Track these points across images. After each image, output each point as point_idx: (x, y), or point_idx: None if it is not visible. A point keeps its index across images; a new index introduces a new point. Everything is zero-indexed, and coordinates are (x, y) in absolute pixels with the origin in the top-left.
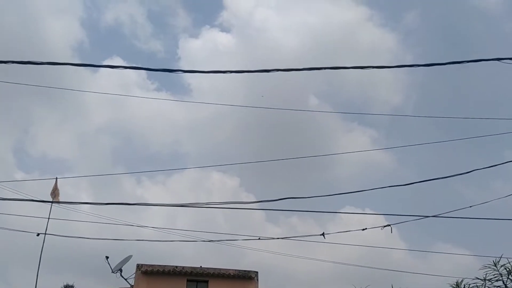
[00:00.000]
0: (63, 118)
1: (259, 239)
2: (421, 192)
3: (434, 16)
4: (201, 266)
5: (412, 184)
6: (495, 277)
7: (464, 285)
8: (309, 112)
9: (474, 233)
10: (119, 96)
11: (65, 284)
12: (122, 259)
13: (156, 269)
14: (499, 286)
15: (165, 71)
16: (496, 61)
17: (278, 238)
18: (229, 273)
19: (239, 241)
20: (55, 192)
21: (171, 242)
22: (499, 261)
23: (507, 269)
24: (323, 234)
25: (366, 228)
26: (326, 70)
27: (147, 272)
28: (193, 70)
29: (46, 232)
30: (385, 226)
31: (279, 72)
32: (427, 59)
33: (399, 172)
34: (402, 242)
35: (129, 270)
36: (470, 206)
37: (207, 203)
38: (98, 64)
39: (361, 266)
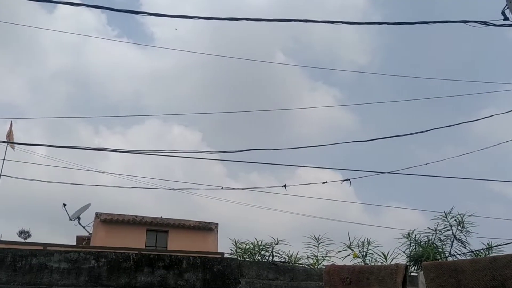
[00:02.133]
0: (16, 61)
1: (221, 188)
2: (379, 151)
3: None
4: (161, 217)
5: (371, 143)
6: (445, 227)
7: (415, 235)
8: (275, 69)
9: (424, 192)
10: (77, 41)
11: (20, 230)
12: (80, 208)
13: (116, 218)
14: (448, 236)
15: (129, 12)
16: (462, 24)
17: (240, 189)
18: (189, 224)
19: (200, 192)
20: (9, 135)
21: (131, 191)
22: (449, 213)
23: (457, 220)
24: (284, 186)
25: (326, 182)
26: (294, 26)
27: (106, 220)
28: (159, 14)
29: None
30: (344, 180)
31: (246, 26)
32: (395, 20)
33: (361, 132)
34: (357, 200)
35: (88, 219)
36: (426, 164)
37: (168, 151)
38: (56, 0)
39: (319, 218)
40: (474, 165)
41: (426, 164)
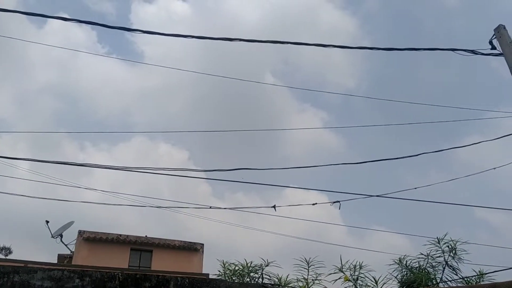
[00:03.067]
0: (4, 75)
1: (210, 207)
2: (366, 175)
3: (394, 3)
4: (146, 236)
5: (358, 166)
6: (437, 253)
7: (406, 260)
8: (265, 90)
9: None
10: (66, 56)
11: (1, 246)
12: (63, 225)
13: (99, 237)
14: (440, 262)
15: (122, 29)
16: (450, 52)
17: (229, 209)
18: (174, 244)
19: (186, 211)
20: None
21: (115, 209)
22: (442, 239)
23: (449, 247)
24: (274, 207)
25: (316, 203)
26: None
27: (89, 239)
28: (152, 32)
29: None
30: (334, 202)
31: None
32: (384, 45)
33: (347, 155)
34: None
35: (70, 236)
36: (415, 188)
37: (154, 168)
38: (49, 15)
39: (307, 239)
40: (459, 191)
41: (416, 188)
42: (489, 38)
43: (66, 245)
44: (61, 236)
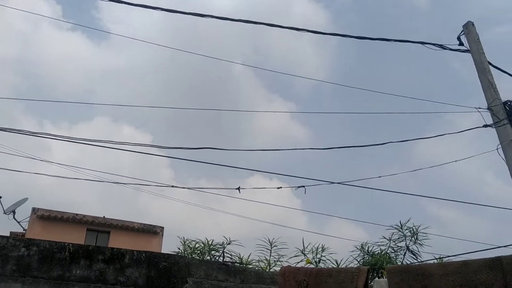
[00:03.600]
0: None
1: (172, 186)
2: (329, 166)
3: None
4: (104, 217)
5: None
6: (399, 238)
7: (368, 246)
8: (234, 78)
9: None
10: (28, 29)
11: None
12: (16, 201)
13: (54, 215)
14: (401, 247)
15: None
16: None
17: (192, 188)
18: (133, 226)
19: (148, 191)
20: None
21: (72, 189)
22: (406, 223)
23: (412, 231)
24: (238, 188)
25: (281, 187)
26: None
27: (43, 217)
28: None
29: None
30: (299, 187)
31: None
32: (354, 42)
33: (313, 146)
34: (304, 216)
35: (24, 214)
36: (379, 177)
37: (115, 143)
38: None
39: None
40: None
41: (380, 177)
42: (457, 35)
43: (19, 222)
44: (14, 212)
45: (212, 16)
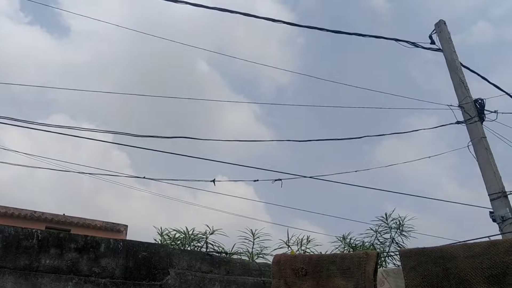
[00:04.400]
0: None
1: (144, 177)
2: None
3: (330, 4)
4: (64, 214)
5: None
6: (385, 229)
7: (350, 238)
8: (199, 78)
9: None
10: None
11: None
12: None
13: (11, 212)
14: (387, 239)
15: None
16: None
17: (165, 181)
18: (95, 224)
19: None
20: None
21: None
22: (390, 215)
23: (397, 223)
24: (213, 181)
25: (257, 180)
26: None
27: None
28: None
29: None
30: (276, 180)
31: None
32: (319, 44)
33: (277, 148)
34: (267, 216)
35: None
36: (356, 171)
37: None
38: None
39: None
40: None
41: (356, 171)
42: (428, 34)
43: None
44: None
45: (186, 3)
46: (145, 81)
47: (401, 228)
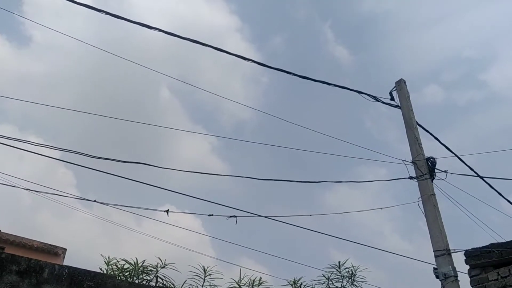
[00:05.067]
0: None
1: (94, 201)
2: (243, 202)
3: (296, 49)
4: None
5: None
6: (336, 277)
7: (301, 283)
8: (158, 104)
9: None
10: None
11: None
12: None
13: None
14: (338, 287)
15: None
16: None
17: (115, 206)
18: (32, 245)
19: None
20: None
21: None
22: (344, 263)
23: (350, 272)
24: (167, 211)
25: (212, 215)
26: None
27: None
28: None
29: None
30: (231, 216)
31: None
32: (283, 85)
33: (230, 183)
34: (212, 250)
35: None
36: (310, 215)
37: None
38: None
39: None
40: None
41: (310, 215)
42: (389, 90)
43: None
44: None
45: (160, 30)
46: (102, 101)
47: (353, 278)
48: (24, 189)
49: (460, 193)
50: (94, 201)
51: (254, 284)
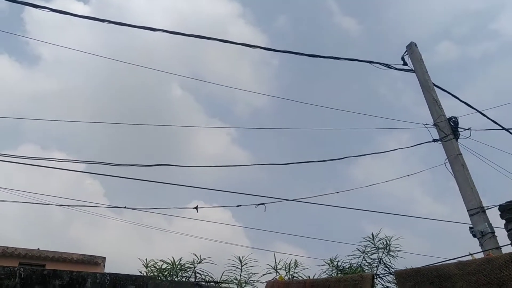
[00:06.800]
0: None
1: (125, 207)
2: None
3: (302, 27)
4: (38, 249)
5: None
6: (372, 250)
7: (337, 260)
8: (172, 103)
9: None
10: None
11: None
12: None
13: None
14: (374, 259)
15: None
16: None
17: (145, 210)
18: (72, 258)
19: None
20: None
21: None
22: (377, 235)
23: (384, 243)
24: (196, 208)
25: (240, 205)
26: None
27: None
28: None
29: None
30: (259, 204)
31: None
32: (294, 65)
33: (254, 171)
34: (246, 240)
35: None
36: (337, 192)
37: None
38: None
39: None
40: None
41: (338, 192)
42: (401, 55)
43: None
44: None
45: (164, 31)
46: (117, 109)
47: (388, 248)
48: (56, 205)
49: (485, 148)
50: (124, 207)
51: (290, 267)
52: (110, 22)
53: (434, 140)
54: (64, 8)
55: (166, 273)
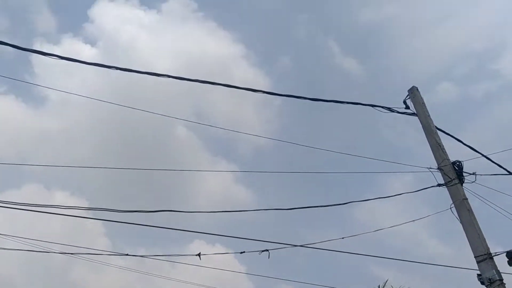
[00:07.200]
0: None
1: (127, 255)
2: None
3: (304, 67)
4: None
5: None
6: None
7: None
8: (176, 142)
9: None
10: None
11: None
12: None
13: None
14: None
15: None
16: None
17: (148, 256)
18: None
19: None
20: None
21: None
22: (384, 285)
23: None
24: (199, 255)
25: (244, 252)
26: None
27: None
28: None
29: None
30: (263, 251)
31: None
32: (296, 106)
33: (259, 212)
34: (250, 283)
35: None
36: (342, 238)
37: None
38: None
39: None
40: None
41: (343, 238)
42: (403, 98)
43: None
44: None
45: (169, 76)
46: (121, 147)
47: None
48: (59, 253)
49: (491, 191)
50: (127, 254)
51: None
52: (116, 68)
53: (439, 185)
54: (71, 51)
55: None
